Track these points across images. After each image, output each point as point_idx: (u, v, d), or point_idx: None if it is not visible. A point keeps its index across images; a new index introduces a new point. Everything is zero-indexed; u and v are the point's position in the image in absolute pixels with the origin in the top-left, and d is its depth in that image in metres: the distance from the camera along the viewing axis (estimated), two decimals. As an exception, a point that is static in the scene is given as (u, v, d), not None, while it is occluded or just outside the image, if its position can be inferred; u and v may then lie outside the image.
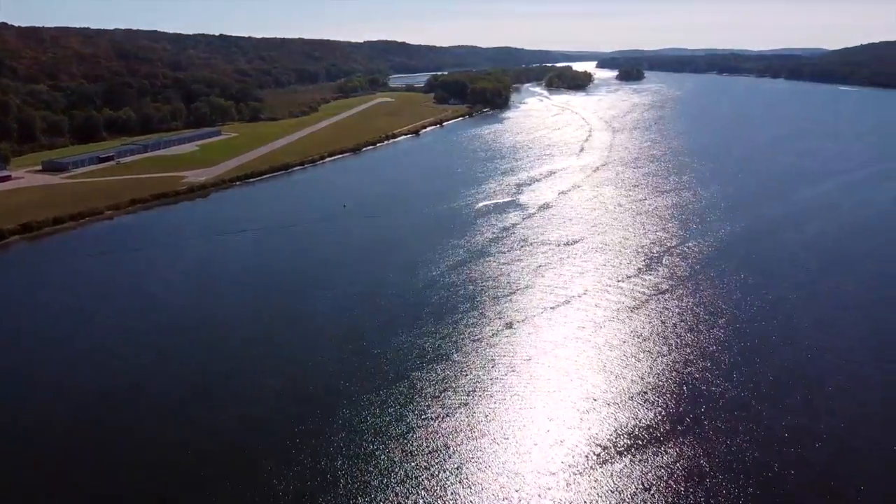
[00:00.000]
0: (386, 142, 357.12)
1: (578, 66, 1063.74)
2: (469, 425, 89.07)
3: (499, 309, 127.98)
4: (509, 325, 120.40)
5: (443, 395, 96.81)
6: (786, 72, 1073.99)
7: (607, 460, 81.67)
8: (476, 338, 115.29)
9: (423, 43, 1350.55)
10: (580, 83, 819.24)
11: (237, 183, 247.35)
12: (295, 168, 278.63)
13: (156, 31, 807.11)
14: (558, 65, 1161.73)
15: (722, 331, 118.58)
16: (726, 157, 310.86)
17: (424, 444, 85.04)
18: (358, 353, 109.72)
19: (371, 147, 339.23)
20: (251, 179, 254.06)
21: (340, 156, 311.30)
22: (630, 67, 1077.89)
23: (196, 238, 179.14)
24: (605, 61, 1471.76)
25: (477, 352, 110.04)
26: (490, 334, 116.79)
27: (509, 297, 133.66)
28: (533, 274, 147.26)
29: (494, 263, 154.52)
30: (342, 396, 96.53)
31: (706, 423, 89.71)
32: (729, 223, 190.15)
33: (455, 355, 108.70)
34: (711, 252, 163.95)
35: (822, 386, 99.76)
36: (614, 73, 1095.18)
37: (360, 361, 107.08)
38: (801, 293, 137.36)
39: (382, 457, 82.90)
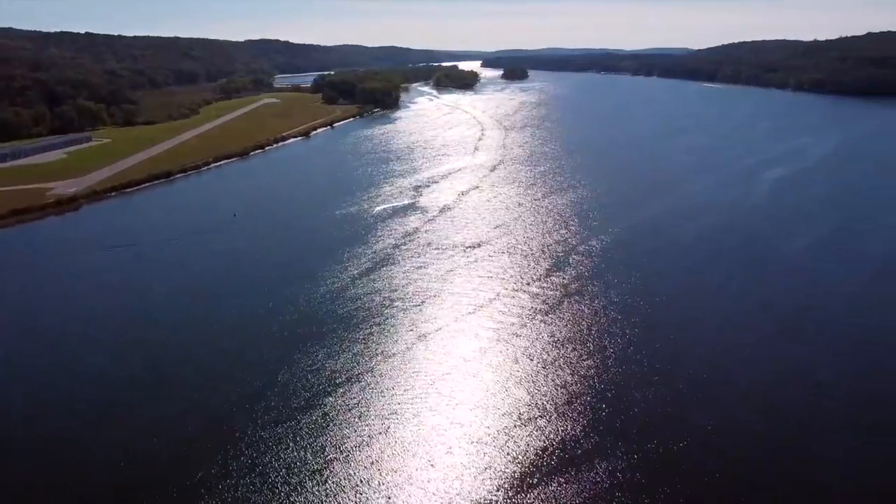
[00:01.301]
0: (275, 145, 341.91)
1: (464, 66, 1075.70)
2: (393, 454, 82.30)
3: (410, 320, 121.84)
4: (422, 338, 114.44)
5: (360, 421, 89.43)
6: (658, 70, 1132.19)
7: (541, 481, 77.40)
8: (389, 353, 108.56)
9: (307, 42, 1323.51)
10: (468, 82, 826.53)
11: (112, 194, 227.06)
12: (177, 175, 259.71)
13: (10, 29, 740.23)
14: (445, 64, 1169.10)
15: (635, 330, 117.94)
16: (615, 152, 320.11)
17: (346, 480, 77.54)
18: (258, 381, 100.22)
19: (260, 151, 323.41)
20: (128, 189, 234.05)
21: (227, 161, 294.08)
22: (514, 67, 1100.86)
23: (63, 257, 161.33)
24: (489, 61, 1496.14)
25: (391, 370, 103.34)
26: (404, 348, 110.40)
27: (419, 307, 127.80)
28: (441, 280, 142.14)
29: (400, 271, 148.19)
30: (243, 432, 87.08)
31: (634, 431, 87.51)
32: (625, 218, 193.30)
33: (368, 375, 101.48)
34: (613, 249, 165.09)
35: (738, 381, 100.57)
36: (499, 72, 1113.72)
37: (260, 390, 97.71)
38: (699, 286, 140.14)
39: (299, 499, 74.72)
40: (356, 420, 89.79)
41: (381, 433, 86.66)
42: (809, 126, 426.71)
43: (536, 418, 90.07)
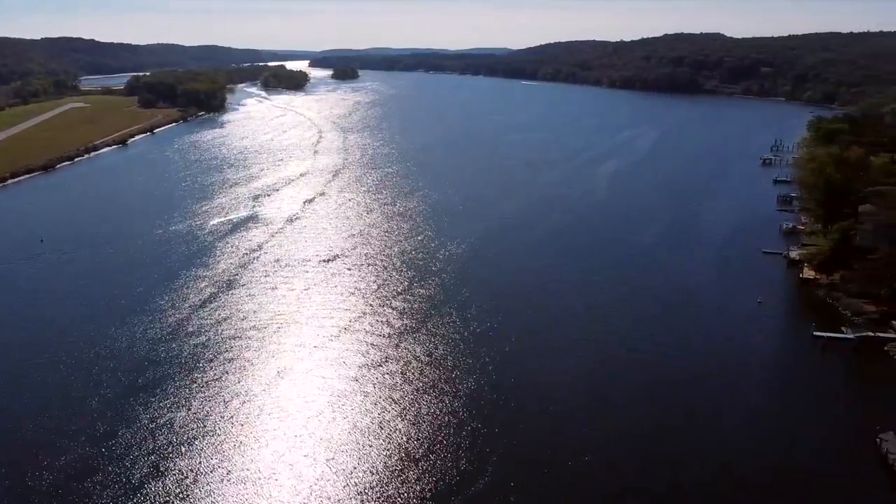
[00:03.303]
0: (86, 155, 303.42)
1: (292, 66, 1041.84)
2: (264, 526, 69.67)
3: (266, 352, 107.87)
4: (283, 373, 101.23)
5: (216, 493, 75.34)
6: (484, 69, 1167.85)
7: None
8: (243, 399, 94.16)
9: (116, 41, 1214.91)
10: (298, 83, 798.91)
11: None
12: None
13: None
14: (271, 64, 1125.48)
15: (505, 346, 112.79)
16: (460, 150, 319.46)
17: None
18: (88, 451, 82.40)
19: (68, 162, 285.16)
20: None
21: (28, 176, 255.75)
22: (344, 66, 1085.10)
23: None
24: (317, 61, 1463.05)
25: (248, 421, 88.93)
26: (260, 390, 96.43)
27: (275, 335, 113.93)
28: (297, 302, 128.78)
29: (248, 295, 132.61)
30: (75, 520, 70.10)
31: (520, 471, 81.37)
32: (479, 220, 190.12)
33: (219, 431, 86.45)
34: (470, 254, 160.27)
35: (611, 391, 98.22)
36: (329, 72, 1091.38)
37: (90, 463, 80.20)
38: (559, 288, 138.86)
39: None
40: (217, 486, 75.66)
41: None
42: (629, 121, 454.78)
43: (419, 460, 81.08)
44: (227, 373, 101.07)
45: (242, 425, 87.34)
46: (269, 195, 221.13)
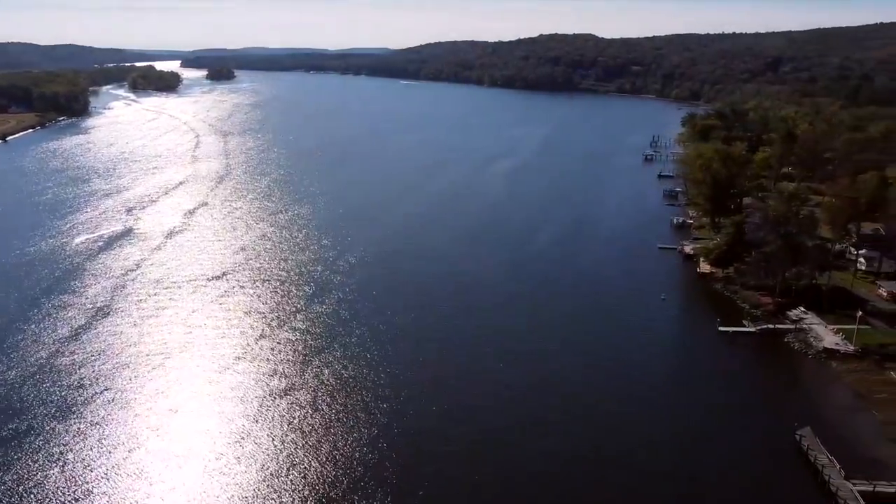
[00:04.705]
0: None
1: (162, 66, 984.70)
2: None
3: (151, 389, 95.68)
4: (172, 413, 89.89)
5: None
6: (366, 69, 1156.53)
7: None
8: (128, 446, 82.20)
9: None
10: (169, 84, 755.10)
11: None
12: None
13: None
14: (139, 64, 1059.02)
15: (418, 361, 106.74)
16: (350, 151, 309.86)
17: None
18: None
19: None
20: None
21: None
22: (219, 67, 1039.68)
23: None
24: (189, 61, 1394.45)
25: (137, 473, 77.32)
26: (148, 434, 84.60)
27: (162, 368, 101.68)
28: (184, 327, 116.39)
29: (128, 322, 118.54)
30: None
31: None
32: (377, 227, 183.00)
33: (102, 490, 74.71)
34: (371, 263, 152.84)
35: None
36: (203, 72, 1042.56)
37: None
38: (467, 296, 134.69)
39: None
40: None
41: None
42: (515, 120, 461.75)
43: (343, 501, 73.55)
44: (107, 416, 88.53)
45: (131, 478, 76.04)
46: (144, 207, 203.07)
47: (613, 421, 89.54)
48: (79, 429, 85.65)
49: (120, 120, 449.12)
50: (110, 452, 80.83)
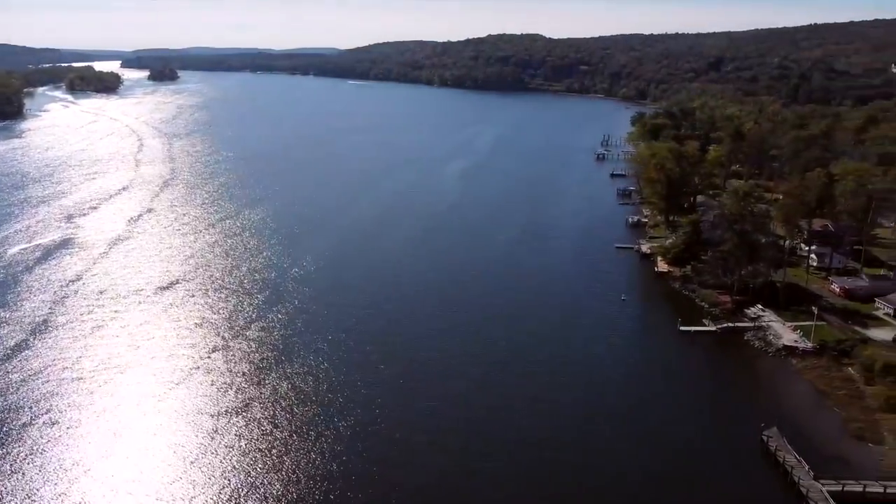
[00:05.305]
0: None
1: (101, 66, 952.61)
2: None
3: (96, 410, 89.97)
4: (118, 435, 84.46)
5: None
6: (314, 69, 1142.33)
7: None
8: (71, 474, 76.86)
9: None
10: (109, 85, 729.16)
11: None
12: None
13: None
14: (76, 65, 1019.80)
15: (378, 368, 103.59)
16: (300, 154, 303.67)
17: None
18: None
19: None
20: None
21: None
22: (162, 67, 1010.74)
23: None
24: (130, 61, 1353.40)
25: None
26: (93, 460, 79.32)
27: (108, 387, 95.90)
28: (131, 342, 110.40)
29: (70, 337, 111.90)
30: None
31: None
32: (331, 231, 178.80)
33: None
34: (327, 269, 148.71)
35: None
36: (145, 73, 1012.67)
37: None
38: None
39: None
40: None
41: None
42: (466, 120, 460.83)
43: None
44: (49, 442, 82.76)
45: (75, 510, 71.03)
46: (85, 214, 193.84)
47: (576, 426, 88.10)
48: (17, 456, 79.77)
49: (57, 122, 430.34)
50: (53, 482, 75.42)
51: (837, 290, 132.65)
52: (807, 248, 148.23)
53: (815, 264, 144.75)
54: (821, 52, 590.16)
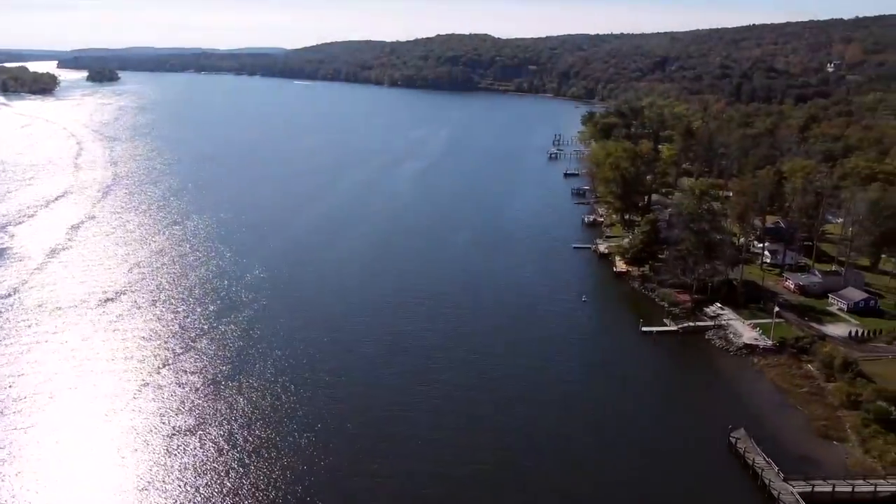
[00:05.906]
0: None
1: (36, 67, 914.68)
2: None
3: (35, 434, 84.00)
4: (63, 462, 78.99)
5: None
6: (261, 69, 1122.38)
7: None
8: None
9: None
10: (45, 86, 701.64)
11: None
12: None
13: None
14: (8, 65, 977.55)
15: (338, 380, 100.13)
16: (247, 157, 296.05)
17: None
18: None
19: None
20: None
21: None
22: (101, 68, 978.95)
23: None
24: (67, 61, 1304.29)
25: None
26: (34, 490, 73.95)
27: (48, 407, 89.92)
28: (73, 358, 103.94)
29: (4, 357, 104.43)
30: None
31: None
32: (283, 237, 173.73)
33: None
34: (280, 275, 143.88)
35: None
36: (83, 74, 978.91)
37: None
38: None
39: None
40: None
41: None
42: (417, 120, 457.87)
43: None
44: (-17, 472, 76.81)
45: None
46: (20, 222, 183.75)
47: (542, 431, 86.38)
48: (-51, 490, 73.69)
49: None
50: (-11, 516, 69.78)
51: (792, 286, 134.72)
52: (760, 246, 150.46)
53: (768, 261, 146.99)
54: (759, 51, 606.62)
